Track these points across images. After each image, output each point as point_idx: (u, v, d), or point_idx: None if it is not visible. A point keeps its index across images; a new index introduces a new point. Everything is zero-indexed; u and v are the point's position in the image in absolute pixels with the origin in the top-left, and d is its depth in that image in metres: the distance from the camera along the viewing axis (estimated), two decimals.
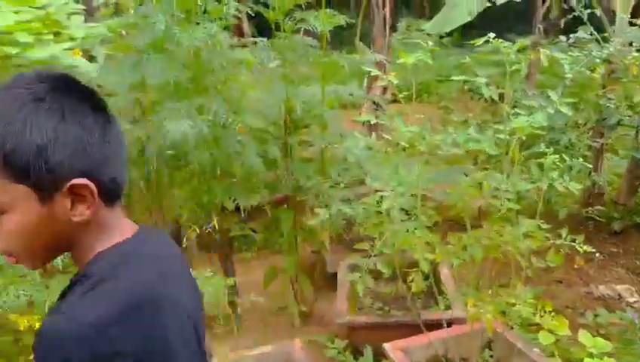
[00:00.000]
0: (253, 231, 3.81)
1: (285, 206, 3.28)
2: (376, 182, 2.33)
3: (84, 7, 3.98)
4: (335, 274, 3.39)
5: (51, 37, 3.63)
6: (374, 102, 4.24)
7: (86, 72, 3.51)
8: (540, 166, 2.20)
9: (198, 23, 2.65)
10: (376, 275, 2.36)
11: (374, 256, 2.23)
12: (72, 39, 3.65)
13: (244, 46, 3.19)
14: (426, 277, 2.31)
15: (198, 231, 2.90)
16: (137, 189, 2.98)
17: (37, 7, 3.68)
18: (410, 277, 2.33)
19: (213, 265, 3.13)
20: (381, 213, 2.31)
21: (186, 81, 2.74)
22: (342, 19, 2.97)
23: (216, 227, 2.92)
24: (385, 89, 4.52)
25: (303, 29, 2.97)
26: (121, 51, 3.28)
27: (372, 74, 4.30)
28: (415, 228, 2.19)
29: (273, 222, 3.37)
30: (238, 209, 3.07)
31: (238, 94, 2.94)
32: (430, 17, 10.94)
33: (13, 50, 3.17)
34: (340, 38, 3.82)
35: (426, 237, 2.14)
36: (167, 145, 2.58)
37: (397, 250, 2.26)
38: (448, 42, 9.54)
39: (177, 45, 2.58)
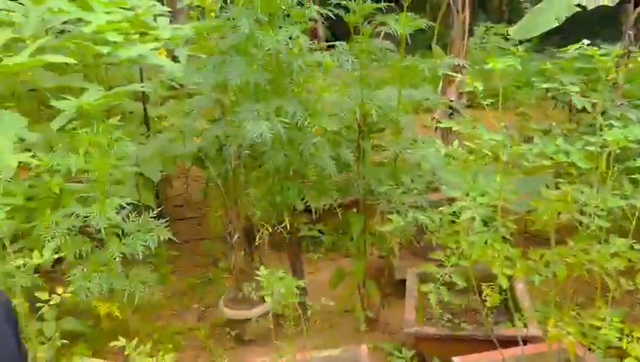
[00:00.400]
0: (321, 232, 3.82)
1: (356, 209, 3.27)
2: (453, 191, 2.26)
3: (169, 9, 4.16)
4: (402, 281, 3.34)
5: (137, 37, 3.81)
6: (450, 107, 4.14)
7: (170, 71, 3.67)
8: (634, 181, 2.06)
9: (280, 27, 2.69)
10: (447, 286, 2.30)
11: (449, 266, 2.17)
12: (156, 40, 3.81)
13: (320, 49, 3.21)
14: (501, 292, 2.23)
15: (269, 229, 2.94)
16: (215, 186, 3.07)
17: (127, 9, 3.87)
18: (486, 291, 2.25)
19: (283, 264, 3.17)
20: (454, 222, 2.24)
21: (264, 83, 2.79)
22: (422, 23, 2.92)
23: (288, 227, 2.96)
24: (460, 94, 4.41)
25: (383, 33, 2.94)
26: (204, 52, 3.39)
27: (449, 78, 4.23)
28: (493, 241, 2.11)
29: (343, 225, 3.37)
30: (308, 210, 3.09)
31: (314, 97, 2.97)
32: (509, 21, 10.60)
33: (105, 50, 3.34)
34: (415, 42, 3.76)
35: (505, 251, 2.06)
36: (245, 145, 2.63)
37: (473, 261, 2.18)
38: (528, 47, 9.18)
39: (259, 48, 2.63)
